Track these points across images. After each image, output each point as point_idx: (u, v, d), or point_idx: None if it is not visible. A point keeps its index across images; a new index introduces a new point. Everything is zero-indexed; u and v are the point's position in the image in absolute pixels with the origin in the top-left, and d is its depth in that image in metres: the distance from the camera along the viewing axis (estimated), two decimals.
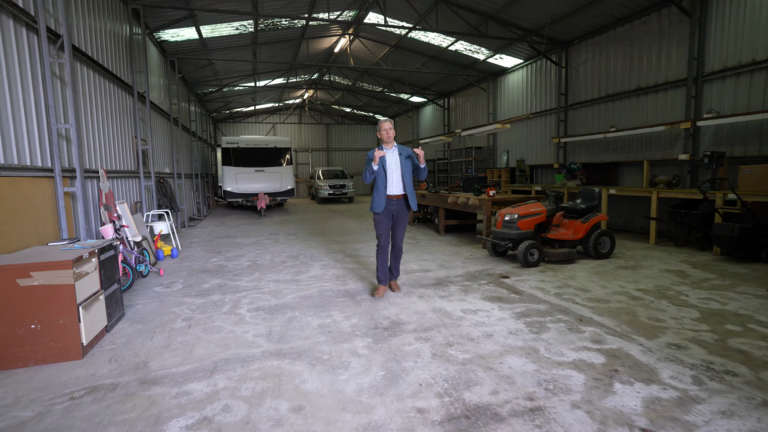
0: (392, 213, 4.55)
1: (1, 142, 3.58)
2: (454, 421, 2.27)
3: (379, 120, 4.54)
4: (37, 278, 2.99)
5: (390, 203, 4.50)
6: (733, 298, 4.36)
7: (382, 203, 4.47)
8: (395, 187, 4.49)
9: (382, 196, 4.47)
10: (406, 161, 4.51)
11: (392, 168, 4.49)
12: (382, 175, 4.48)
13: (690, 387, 2.58)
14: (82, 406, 2.48)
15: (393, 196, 4.50)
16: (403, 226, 4.61)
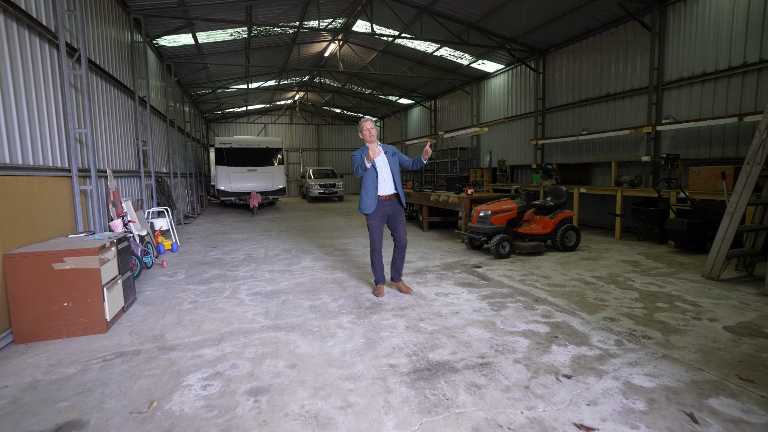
0: (387, 214, 4.45)
1: (30, 146, 4.07)
2: (418, 373, 2.85)
3: (360, 119, 4.39)
4: (68, 263, 3.50)
5: (383, 204, 4.39)
6: (672, 282, 5.01)
7: (372, 203, 4.35)
8: (387, 186, 4.39)
9: (373, 197, 4.34)
10: (393, 159, 4.44)
11: (382, 168, 4.37)
12: (372, 175, 4.34)
13: (611, 347, 3.20)
14: (114, 366, 3.02)
15: (385, 196, 4.39)
16: (403, 224, 4.51)
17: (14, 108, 3.84)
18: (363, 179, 4.41)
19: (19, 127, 3.89)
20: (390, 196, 4.43)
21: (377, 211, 4.40)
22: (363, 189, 4.41)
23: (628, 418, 2.27)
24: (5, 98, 3.72)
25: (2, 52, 3.72)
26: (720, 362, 2.90)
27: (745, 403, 2.39)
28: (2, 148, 3.62)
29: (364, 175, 4.35)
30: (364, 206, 4.39)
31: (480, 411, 2.36)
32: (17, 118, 3.87)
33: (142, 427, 2.26)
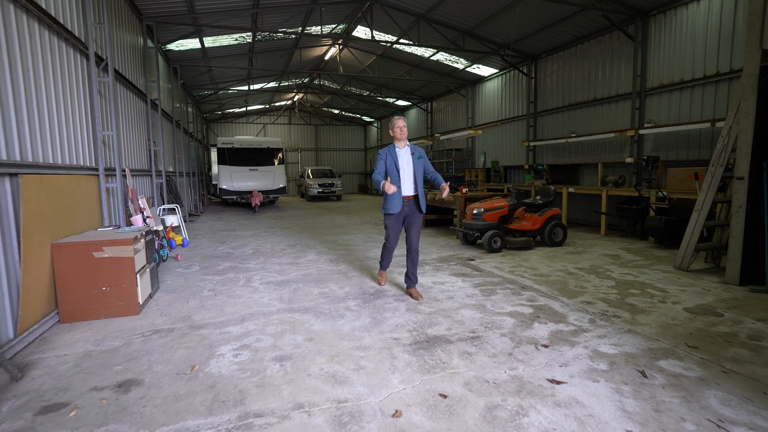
0: (405, 215, 4.45)
1: (67, 148, 4.51)
2: (418, 344, 3.32)
3: (393, 118, 4.40)
4: (107, 252, 3.94)
5: (402, 204, 4.40)
6: (646, 273, 5.52)
7: (397, 204, 4.34)
8: (407, 187, 4.38)
9: (396, 197, 4.33)
10: (418, 162, 4.41)
11: (405, 167, 4.38)
12: (394, 175, 4.36)
13: (585, 324, 3.69)
14: (153, 340, 3.47)
15: (405, 196, 4.39)
16: (417, 227, 4.49)
17: (55, 113, 4.27)
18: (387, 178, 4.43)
19: (59, 130, 4.33)
20: (410, 197, 4.43)
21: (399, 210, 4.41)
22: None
23: (592, 375, 2.76)
24: (49, 104, 4.15)
25: (47, 64, 4.15)
26: (674, 335, 3.40)
27: (687, 363, 2.89)
28: (47, 150, 4.06)
29: (388, 175, 4.38)
30: (388, 206, 4.38)
31: (470, 371, 2.84)
32: (57, 122, 4.30)
33: (189, 384, 2.71)
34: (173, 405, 2.45)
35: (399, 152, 4.40)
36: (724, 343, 3.22)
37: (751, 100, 4.47)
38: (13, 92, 3.48)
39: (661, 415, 2.29)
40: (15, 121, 3.48)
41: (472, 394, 2.54)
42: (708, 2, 7.62)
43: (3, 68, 3.36)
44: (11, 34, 3.54)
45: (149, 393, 2.60)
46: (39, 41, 4.03)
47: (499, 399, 2.48)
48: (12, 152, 3.42)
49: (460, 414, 2.33)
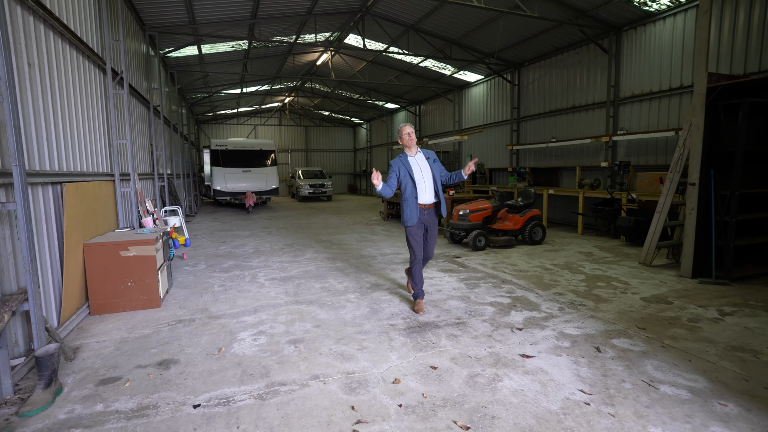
0: (424, 223, 4.25)
1: (92, 156, 4.93)
2: (411, 329, 3.86)
3: (400, 125, 4.24)
4: (132, 251, 4.39)
5: (421, 213, 4.19)
6: (614, 268, 6.15)
7: (414, 215, 4.15)
8: (427, 195, 4.17)
9: (414, 207, 4.13)
10: (434, 165, 4.25)
11: (421, 175, 4.15)
12: (410, 186, 4.14)
13: (555, 311, 4.27)
14: (179, 328, 3.94)
15: (425, 205, 4.19)
16: (435, 236, 4.36)
17: (82, 125, 4.70)
18: (401, 192, 4.24)
19: (84, 140, 4.75)
20: (429, 205, 4.23)
21: (418, 220, 4.22)
22: (403, 202, 4.21)
23: (557, 350, 3.32)
24: (77, 116, 4.57)
25: (75, 81, 4.58)
26: (628, 319, 4.01)
27: (635, 340, 3.48)
28: (77, 159, 4.49)
29: (404, 186, 4.19)
30: (406, 218, 4.20)
31: (456, 349, 3.39)
32: (83, 133, 4.73)
33: (219, 362, 3.21)
34: (209, 378, 2.95)
35: (411, 160, 4.20)
36: (668, 325, 3.83)
37: (701, 116, 5.11)
38: (52, 108, 3.92)
39: (607, 378, 2.87)
40: (54, 135, 3.91)
41: (457, 366, 3.09)
42: (673, 21, 8.32)
43: (45, 87, 3.80)
44: (51, 58, 3.97)
45: (187, 369, 3.08)
46: (69, 61, 4.45)
47: (479, 369, 3.03)
48: (53, 163, 3.86)
49: (447, 380, 2.87)
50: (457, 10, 9.85)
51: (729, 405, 2.55)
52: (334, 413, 2.48)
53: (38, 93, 3.66)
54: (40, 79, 3.72)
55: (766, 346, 3.37)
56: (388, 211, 12.43)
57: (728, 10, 7.30)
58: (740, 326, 3.82)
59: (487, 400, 2.61)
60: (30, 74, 3.53)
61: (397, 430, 2.32)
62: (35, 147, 3.53)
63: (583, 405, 2.54)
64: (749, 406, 2.54)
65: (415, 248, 4.27)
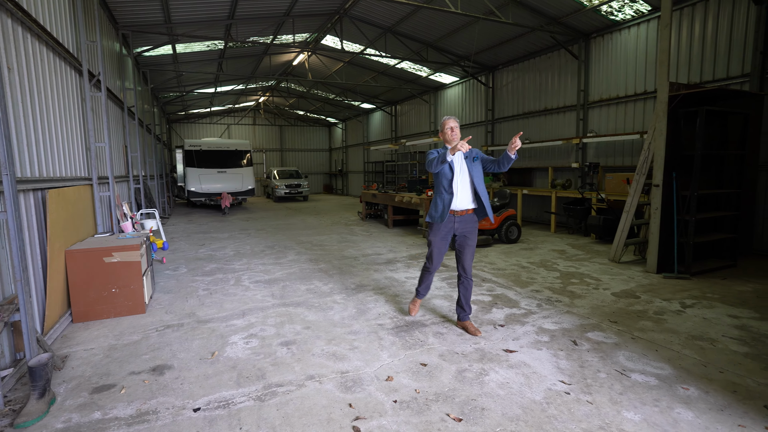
0: (454, 232, 3.70)
1: (69, 160, 4.84)
2: (399, 328, 4.00)
3: (444, 118, 3.71)
4: (116, 257, 4.35)
5: (450, 220, 3.64)
6: (586, 265, 6.48)
7: (442, 214, 3.62)
8: (462, 198, 3.61)
9: (448, 202, 3.59)
10: (474, 166, 3.64)
11: (458, 171, 3.60)
12: (447, 180, 3.58)
13: (533, 308, 4.50)
14: (168, 333, 3.95)
15: (458, 211, 3.61)
16: (471, 248, 3.68)
17: (60, 128, 4.61)
18: (435, 179, 3.70)
19: (62, 144, 4.66)
20: (463, 212, 3.65)
21: (442, 226, 3.66)
22: (437, 193, 3.67)
23: (537, 345, 3.54)
24: (55, 120, 4.48)
25: (52, 83, 4.49)
26: (601, 313, 4.28)
27: (608, 333, 3.75)
28: (56, 164, 4.41)
29: (437, 174, 3.62)
30: (436, 215, 3.67)
31: (443, 346, 3.55)
32: (61, 137, 4.64)
33: (214, 366, 3.26)
34: (206, 381, 3.00)
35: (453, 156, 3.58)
36: (637, 318, 4.12)
37: (663, 122, 5.47)
38: (32, 112, 3.85)
39: (584, 369, 3.09)
40: (34, 140, 3.84)
41: (446, 362, 3.25)
42: (637, 30, 8.78)
43: (24, 91, 3.73)
44: (30, 61, 3.89)
45: (182, 374, 3.12)
46: (47, 63, 4.36)
47: (467, 365, 3.20)
48: (34, 169, 3.79)
49: (437, 376, 3.03)
50: (434, 14, 10.06)
51: (690, 389, 2.81)
52: (332, 411, 2.60)
53: (18, 97, 3.60)
54: (19, 83, 3.65)
55: (722, 335, 3.70)
56: (366, 211, 12.54)
57: (685, 23, 7.78)
58: (699, 317, 4.15)
59: (476, 393, 2.78)
60: (9, 78, 3.46)
61: (394, 424, 2.45)
62: (16, 153, 3.47)
63: (563, 394, 2.75)
64: (707, 388, 2.81)
65: (433, 255, 3.77)
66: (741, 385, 2.87)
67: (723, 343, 3.55)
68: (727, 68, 7.26)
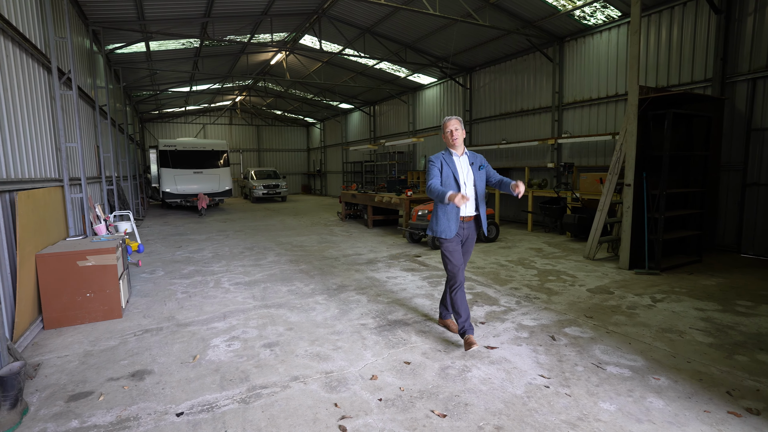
0: (462, 237, 3.59)
1: (39, 161, 4.67)
2: (382, 327, 4.03)
3: (444, 119, 3.55)
4: (91, 260, 4.23)
5: (460, 227, 3.54)
6: (562, 262, 6.66)
7: (453, 227, 3.46)
8: (468, 205, 3.53)
9: (453, 218, 3.45)
10: (479, 173, 3.56)
11: (465, 181, 3.50)
12: (452, 188, 3.45)
13: (512, 305, 4.61)
14: (147, 338, 3.87)
15: (465, 217, 3.54)
16: (470, 251, 3.72)
17: (28, 128, 4.44)
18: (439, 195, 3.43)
19: (31, 144, 4.50)
20: (470, 218, 3.59)
21: (455, 236, 3.53)
22: (439, 208, 3.52)
23: (517, 341, 3.63)
24: (24, 120, 4.32)
25: (20, 81, 4.32)
26: (578, 309, 4.42)
27: (584, 328, 3.88)
28: (25, 165, 4.25)
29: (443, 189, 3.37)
30: (441, 228, 3.49)
31: (426, 344, 3.60)
32: (30, 137, 4.47)
33: (196, 370, 3.21)
34: (188, 385, 2.96)
35: (456, 160, 3.53)
36: (611, 313, 4.28)
37: (634, 124, 5.68)
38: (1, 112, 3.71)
39: (563, 363, 3.19)
40: (1, 140, 3.70)
41: (429, 360, 3.30)
42: (608, 35, 9.08)
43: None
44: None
45: (163, 379, 3.07)
46: (12, 60, 4.20)
47: (449, 362, 3.26)
48: (0, 170, 3.65)
49: (421, 374, 3.08)
50: (413, 15, 10.14)
51: (661, 378, 2.94)
52: (318, 411, 2.61)
53: None
54: None
55: (689, 327, 3.88)
56: (346, 211, 12.52)
57: (653, 29, 8.10)
58: (669, 311, 4.34)
59: (459, 390, 2.84)
60: None
61: (380, 422, 2.48)
62: None
63: (543, 388, 2.84)
64: (676, 378, 2.95)
65: (454, 268, 3.52)
66: (706, 373, 3.02)
67: (690, 334, 3.72)
68: (692, 73, 7.60)
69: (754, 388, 2.83)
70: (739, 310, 4.34)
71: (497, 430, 2.39)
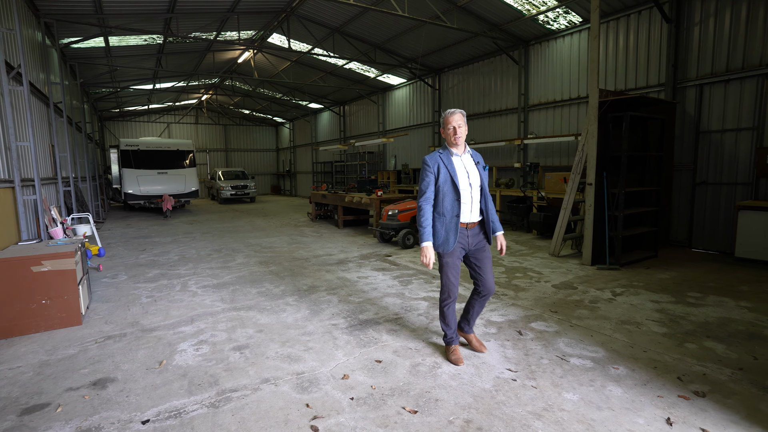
0: (465, 248, 3.16)
1: None
2: (353, 327, 4.04)
3: (446, 112, 3.10)
4: (47, 265, 4.03)
5: (462, 235, 3.11)
6: (529, 260, 6.86)
7: (452, 238, 3.05)
8: (472, 210, 3.10)
9: (453, 227, 3.05)
10: (484, 173, 3.20)
11: (467, 183, 3.07)
12: (450, 196, 3.05)
13: None
14: (109, 345, 3.72)
15: (468, 223, 3.11)
16: (489, 259, 3.22)
17: None
18: (436, 201, 3.11)
19: None
20: (473, 224, 3.15)
21: (457, 246, 3.13)
22: (436, 218, 3.11)
23: (485, 337, 3.72)
24: None
25: None
26: (543, 305, 4.58)
27: (549, 323, 4.02)
28: None
29: (440, 196, 3.08)
30: (438, 242, 3.10)
31: (397, 343, 3.64)
32: None
33: (162, 375, 3.12)
34: (154, 392, 2.88)
35: (456, 161, 3.11)
36: (574, 307, 4.45)
37: (594, 126, 5.93)
38: None
39: (529, 357, 3.30)
40: None
41: (400, 358, 3.34)
42: (570, 39, 9.43)
43: None
44: None
45: (127, 386, 2.97)
46: None
47: (420, 359, 3.31)
48: None
49: (392, 371, 3.11)
50: (382, 16, 10.18)
51: (620, 368, 3.09)
52: (290, 412, 2.59)
53: None
54: None
55: (645, 319, 4.09)
56: (316, 212, 12.44)
57: (611, 35, 8.47)
58: (627, 304, 4.56)
59: (429, 386, 2.89)
60: None
61: (352, 420, 2.50)
62: None
63: (511, 381, 2.93)
64: (634, 366, 3.12)
65: (449, 284, 3.19)
66: (660, 361, 3.20)
67: (646, 325, 3.93)
68: (647, 78, 8.00)
69: (701, 372, 3.03)
70: (689, 301, 4.61)
71: (467, 424, 2.45)
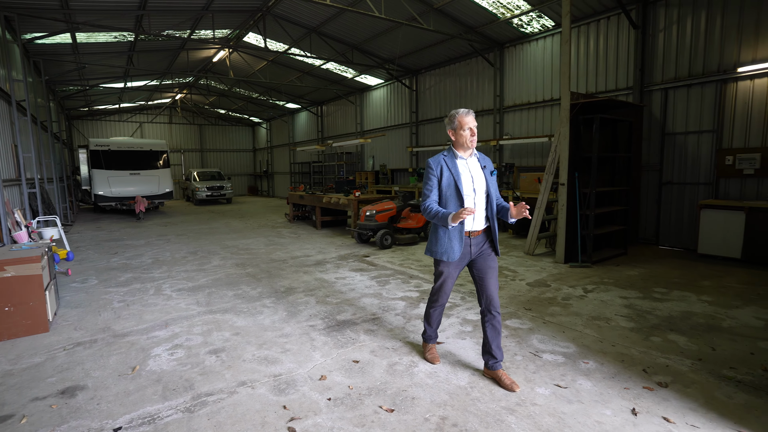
0: (469, 258, 2.98)
1: None
2: (331, 328, 4.05)
3: (457, 112, 2.86)
4: (10, 271, 3.89)
5: (465, 244, 2.92)
6: (504, 259, 7.00)
7: (456, 248, 2.87)
8: (477, 217, 2.90)
9: (456, 236, 2.86)
10: (492, 178, 2.96)
11: (471, 189, 2.87)
12: (453, 202, 2.88)
13: (457, 301, 4.79)
14: (78, 352, 3.62)
15: (473, 232, 2.91)
16: (495, 273, 2.99)
17: None
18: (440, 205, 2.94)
19: None
20: (478, 232, 2.94)
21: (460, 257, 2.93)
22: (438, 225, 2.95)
23: (461, 335, 3.79)
24: None
25: None
26: (518, 302, 4.69)
27: (523, 320, 4.12)
28: None
29: (443, 201, 2.92)
30: (440, 249, 2.93)
31: (375, 343, 3.67)
32: None
33: (135, 381, 3.06)
34: (127, 398, 2.82)
35: (461, 165, 2.92)
36: (548, 304, 4.58)
37: (566, 127, 6.11)
38: None
39: (504, 354, 3.38)
40: None
41: (377, 357, 3.37)
42: (544, 43, 9.66)
43: None
44: None
45: (98, 393, 2.90)
46: None
47: (397, 358, 3.35)
48: None
49: (369, 371, 3.14)
50: (359, 17, 10.19)
51: (590, 362, 3.21)
52: (267, 415, 2.58)
53: None
54: None
55: (614, 314, 4.25)
56: (294, 213, 12.35)
57: (582, 39, 8.73)
58: (598, 300, 4.71)
59: (406, 384, 2.93)
60: None
61: (329, 421, 2.51)
62: None
63: (485, 378, 2.99)
64: (603, 360, 3.24)
65: (443, 293, 3.11)
66: (627, 354, 3.34)
67: (615, 321, 4.08)
68: (616, 81, 8.27)
69: (664, 364, 3.17)
70: (655, 297, 4.81)
71: (442, 420, 2.50)
